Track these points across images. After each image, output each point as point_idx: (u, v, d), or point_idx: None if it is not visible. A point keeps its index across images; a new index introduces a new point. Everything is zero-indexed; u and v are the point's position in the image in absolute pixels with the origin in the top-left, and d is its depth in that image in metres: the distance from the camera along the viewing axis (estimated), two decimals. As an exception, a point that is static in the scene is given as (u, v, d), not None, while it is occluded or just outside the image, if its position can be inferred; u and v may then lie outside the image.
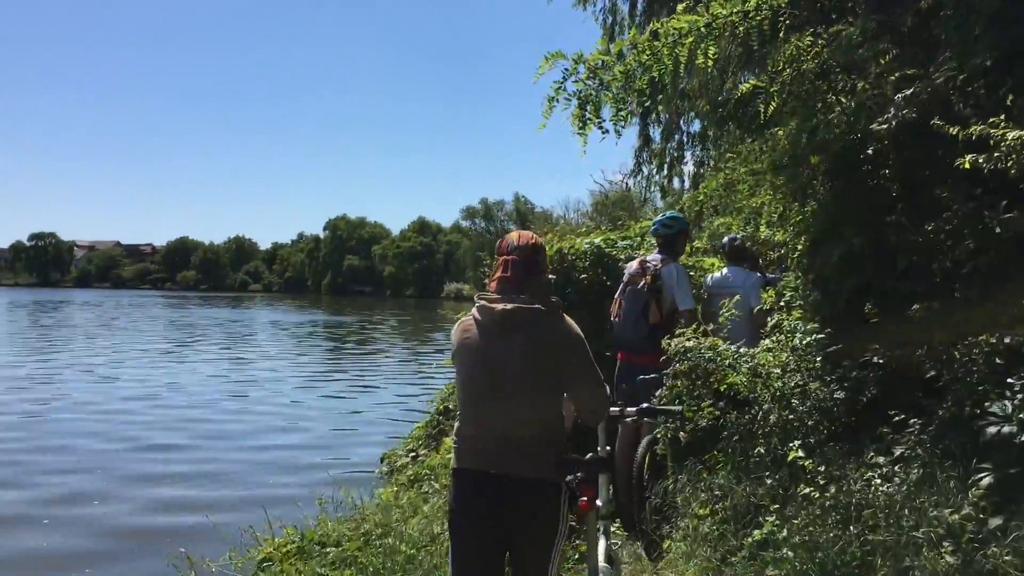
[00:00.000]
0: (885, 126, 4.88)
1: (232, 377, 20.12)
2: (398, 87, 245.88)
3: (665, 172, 18.22)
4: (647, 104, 7.11)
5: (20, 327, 39.06)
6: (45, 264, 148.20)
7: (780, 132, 5.93)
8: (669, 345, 5.26)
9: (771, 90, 5.62)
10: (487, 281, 3.32)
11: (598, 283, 6.98)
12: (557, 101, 5.18)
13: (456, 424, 3.20)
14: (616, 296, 6.19)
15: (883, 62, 5.43)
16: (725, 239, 7.19)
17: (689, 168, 18.70)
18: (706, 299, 6.92)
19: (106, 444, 12.14)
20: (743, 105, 11.30)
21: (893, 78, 5.23)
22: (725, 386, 4.92)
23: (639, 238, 7.57)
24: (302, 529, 5.41)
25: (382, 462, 10.18)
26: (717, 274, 7.06)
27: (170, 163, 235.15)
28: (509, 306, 3.02)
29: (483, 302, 3.11)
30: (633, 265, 6.18)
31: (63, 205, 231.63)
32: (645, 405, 4.13)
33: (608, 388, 3.23)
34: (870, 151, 5.26)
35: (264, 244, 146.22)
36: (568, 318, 3.12)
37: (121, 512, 8.83)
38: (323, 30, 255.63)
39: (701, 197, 7.95)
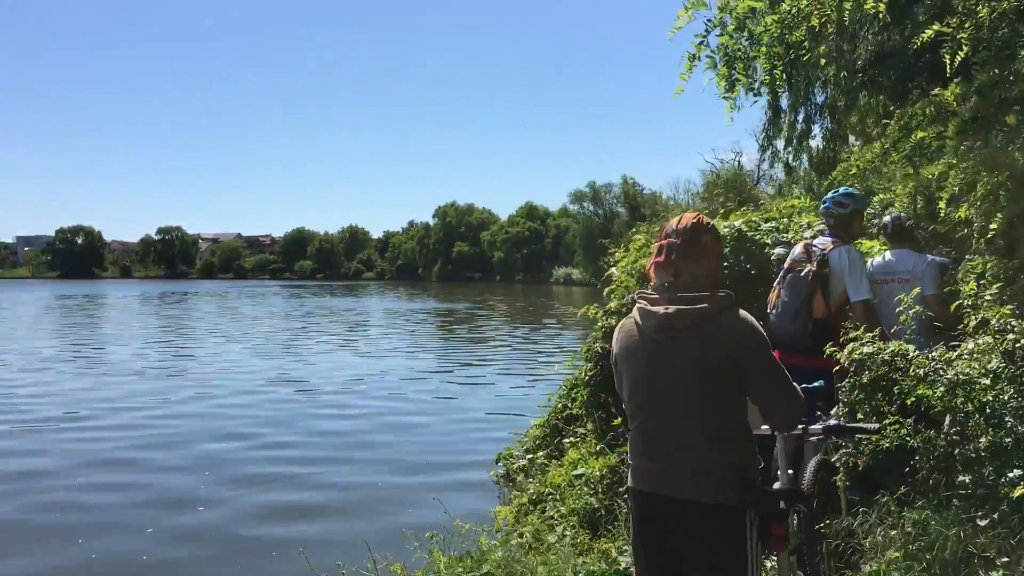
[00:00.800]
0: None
1: (343, 371, 19.91)
2: (505, 72, 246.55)
3: (792, 148, 16.86)
4: (805, 57, 6.23)
5: (150, 318, 40.49)
6: (172, 257, 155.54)
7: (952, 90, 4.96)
8: (835, 350, 4.37)
9: (960, 36, 4.61)
10: (648, 264, 2.88)
11: (741, 272, 6.08)
12: (699, 59, 4.36)
13: (629, 438, 2.88)
14: (775, 285, 5.31)
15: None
16: (887, 217, 6.18)
17: (817, 143, 17.32)
18: None
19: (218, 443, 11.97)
20: (919, 56, 10.12)
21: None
22: (913, 399, 4.01)
23: (785, 219, 6.62)
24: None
25: (497, 462, 9.54)
26: (879, 259, 6.06)
27: (287, 156, 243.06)
28: (671, 309, 2.62)
29: (643, 304, 2.74)
30: (797, 249, 5.24)
31: (188, 200, 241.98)
32: (832, 423, 3.38)
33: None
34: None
35: (376, 233, 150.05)
36: (745, 314, 2.67)
37: (227, 517, 8.49)
38: (431, 16, 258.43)
39: (854, 170, 6.97)
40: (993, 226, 4.69)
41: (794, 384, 2.74)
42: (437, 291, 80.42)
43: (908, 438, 3.83)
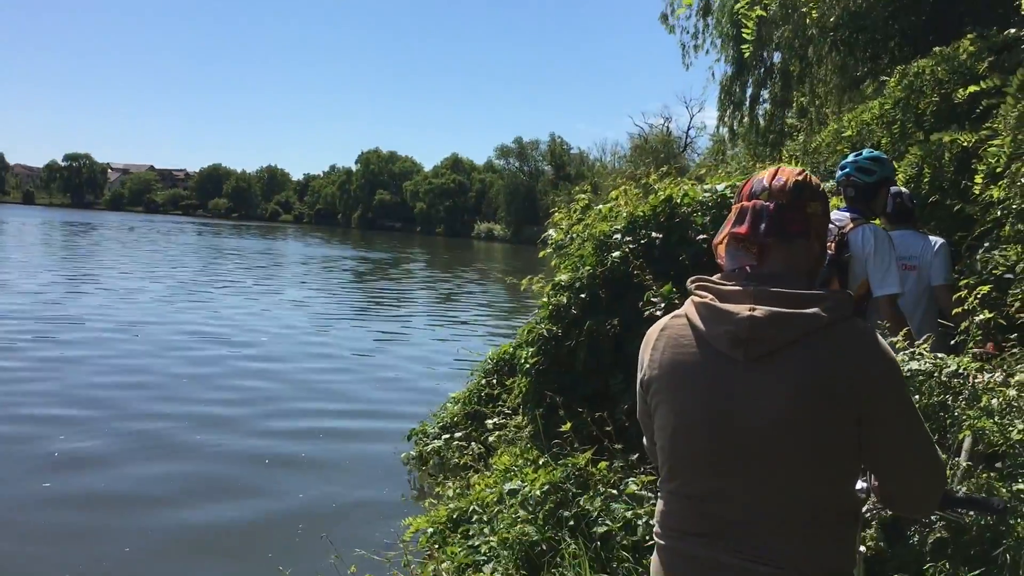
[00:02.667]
0: None
1: (250, 320, 18.38)
2: (436, 21, 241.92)
3: (744, 111, 15.95)
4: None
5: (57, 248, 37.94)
6: (79, 185, 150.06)
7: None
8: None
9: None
10: (716, 241, 1.92)
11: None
12: None
13: (660, 503, 1.88)
14: None
15: None
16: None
17: (765, 110, 16.44)
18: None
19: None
20: (894, 18, 9.17)
21: None
22: (966, 433, 3.02)
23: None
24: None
25: (409, 439, 8.45)
26: (878, 241, 5.10)
27: (206, 90, 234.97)
28: (760, 311, 1.67)
29: (707, 296, 1.78)
30: None
31: (98, 127, 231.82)
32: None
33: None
34: None
35: (296, 175, 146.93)
36: (869, 327, 1.73)
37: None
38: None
39: (849, 132, 5.97)
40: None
41: (937, 448, 1.78)
42: (356, 239, 78.36)
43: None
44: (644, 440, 2.07)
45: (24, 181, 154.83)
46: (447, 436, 7.86)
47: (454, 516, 4.51)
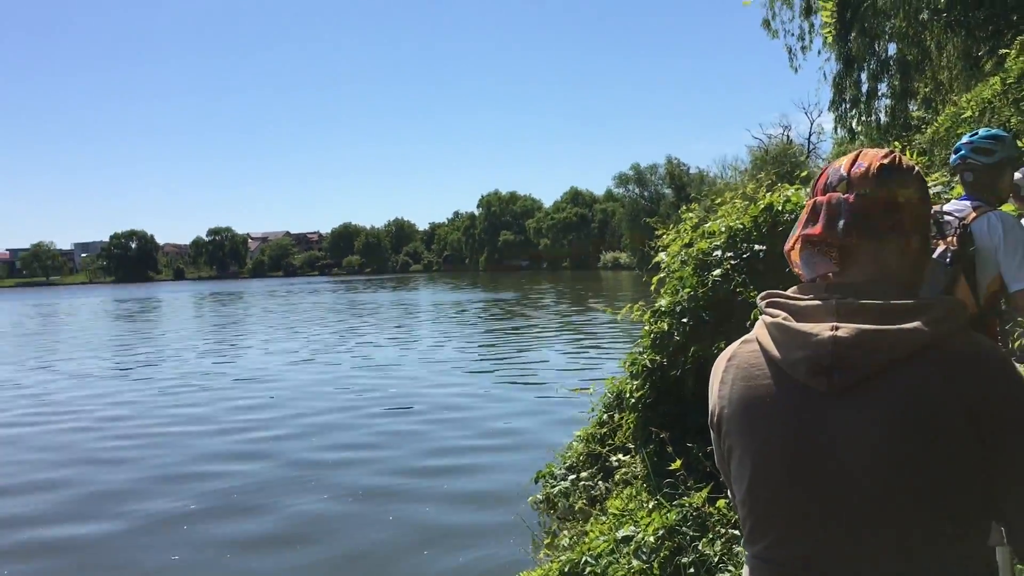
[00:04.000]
0: None
1: (370, 372, 18.68)
2: (541, 56, 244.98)
3: (859, 108, 15.15)
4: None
5: (203, 319, 40.00)
6: (223, 257, 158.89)
7: None
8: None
9: None
10: (787, 248, 1.55)
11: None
12: None
13: (745, 570, 1.53)
14: None
15: None
16: (1020, 174, 4.65)
17: (885, 103, 15.57)
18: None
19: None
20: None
21: None
22: None
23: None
24: None
25: (536, 482, 8.18)
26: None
27: (331, 152, 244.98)
28: (844, 331, 1.33)
29: (780, 315, 1.44)
30: None
31: (237, 200, 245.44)
32: None
33: None
34: None
35: (422, 225, 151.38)
36: (988, 342, 1.35)
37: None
38: (469, 10, 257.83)
39: (968, 112, 5.42)
40: None
41: None
42: (483, 281, 79.33)
43: None
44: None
45: (173, 259, 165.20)
46: (573, 477, 7.56)
47: (566, 570, 4.19)
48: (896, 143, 8.67)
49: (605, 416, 7.77)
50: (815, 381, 1.35)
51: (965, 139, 3.69)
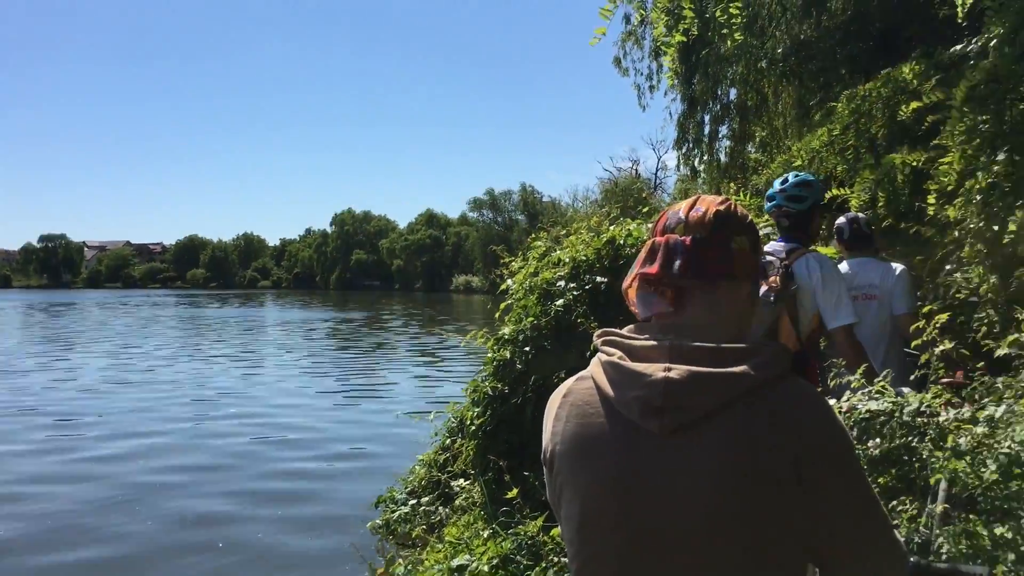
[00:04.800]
0: None
1: (216, 383, 17.95)
2: (399, 78, 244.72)
3: (700, 149, 15.85)
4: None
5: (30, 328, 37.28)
6: (56, 266, 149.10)
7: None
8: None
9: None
10: (625, 286, 1.56)
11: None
12: None
13: None
14: None
15: None
16: (843, 219, 4.99)
17: (726, 144, 16.34)
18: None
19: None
20: (842, 45, 9.09)
21: None
22: (939, 476, 2.71)
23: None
24: None
25: (377, 506, 8.03)
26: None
27: (177, 163, 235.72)
28: (676, 372, 1.34)
29: (615, 354, 1.45)
30: None
31: (73, 207, 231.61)
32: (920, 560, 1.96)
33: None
34: None
35: (272, 240, 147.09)
36: (811, 388, 1.41)
37: None
38: (326, 27, 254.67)
39: (798, 161, 5.76)
40: (1012, 228, 3.47)
41: (895, 529, 1.44)
42: (335, 300, 77.95)
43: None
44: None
45: (0, 264, 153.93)
46: (413, 502, 7.46)
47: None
48: (732, 184, 9.11)
49: (448, 441, 7.75)
50: (647, 422, 1.35)
51: (777, 187, 3.93)
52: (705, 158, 16.00)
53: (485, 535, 4.05)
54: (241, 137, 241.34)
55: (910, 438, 2.70)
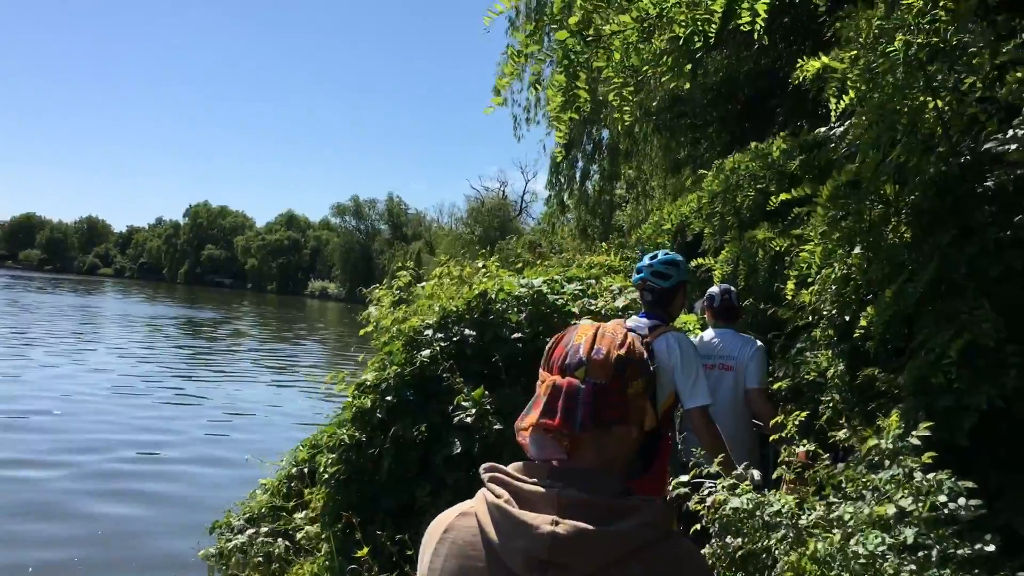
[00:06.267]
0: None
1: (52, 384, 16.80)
2: (268, 76, 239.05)
3: (570, 187, 16.23)
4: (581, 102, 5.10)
5: None
6: None
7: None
8: (679, 487, 3.11)
9: (851, 75, 3.53)
10: (519, 425, 1.49)
11: (541, 347, 4.78)
12: (527, 58, 3.08)
13: None
14: None
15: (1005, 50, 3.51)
16: (715, 289, 5.17)
17: (594, 182, 16.79)
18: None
19: None
20: (713, 105, 9.42)
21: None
22: (787, 572, 2.79)
23: (592, 280, 5.40)
24: None
25: (211, 532, 7.67)
26: (695, 339, 5.00)
27: (19, 135, 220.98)
28: (563, 528, 1.31)
29: (502, 496, 1.40)
30: None
31: None
32: None
33: None
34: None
35: (119, 227, 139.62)
36: (692, 551, 1.43)
37: None
38: (205, 11, 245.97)
39: (668, 224, 5.92)
40: (863, 323, 3.66)
41: None
42: (181, 295, 74.82)
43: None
44: None
45: None
46: (252, 531, 7.16)
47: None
48: (604, 245, 9.31)
49: (294, 470, 7.50)
50: (529, 575, 1.33)
51: (646, 261, 4.02)
52: (575, 192, 16.43)
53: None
54: (92, 117, 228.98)
55: (769, 538, 2.77)
